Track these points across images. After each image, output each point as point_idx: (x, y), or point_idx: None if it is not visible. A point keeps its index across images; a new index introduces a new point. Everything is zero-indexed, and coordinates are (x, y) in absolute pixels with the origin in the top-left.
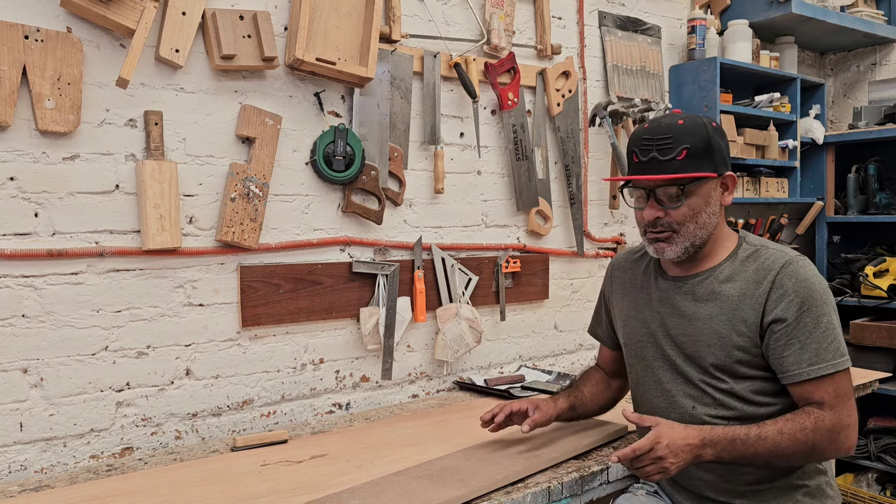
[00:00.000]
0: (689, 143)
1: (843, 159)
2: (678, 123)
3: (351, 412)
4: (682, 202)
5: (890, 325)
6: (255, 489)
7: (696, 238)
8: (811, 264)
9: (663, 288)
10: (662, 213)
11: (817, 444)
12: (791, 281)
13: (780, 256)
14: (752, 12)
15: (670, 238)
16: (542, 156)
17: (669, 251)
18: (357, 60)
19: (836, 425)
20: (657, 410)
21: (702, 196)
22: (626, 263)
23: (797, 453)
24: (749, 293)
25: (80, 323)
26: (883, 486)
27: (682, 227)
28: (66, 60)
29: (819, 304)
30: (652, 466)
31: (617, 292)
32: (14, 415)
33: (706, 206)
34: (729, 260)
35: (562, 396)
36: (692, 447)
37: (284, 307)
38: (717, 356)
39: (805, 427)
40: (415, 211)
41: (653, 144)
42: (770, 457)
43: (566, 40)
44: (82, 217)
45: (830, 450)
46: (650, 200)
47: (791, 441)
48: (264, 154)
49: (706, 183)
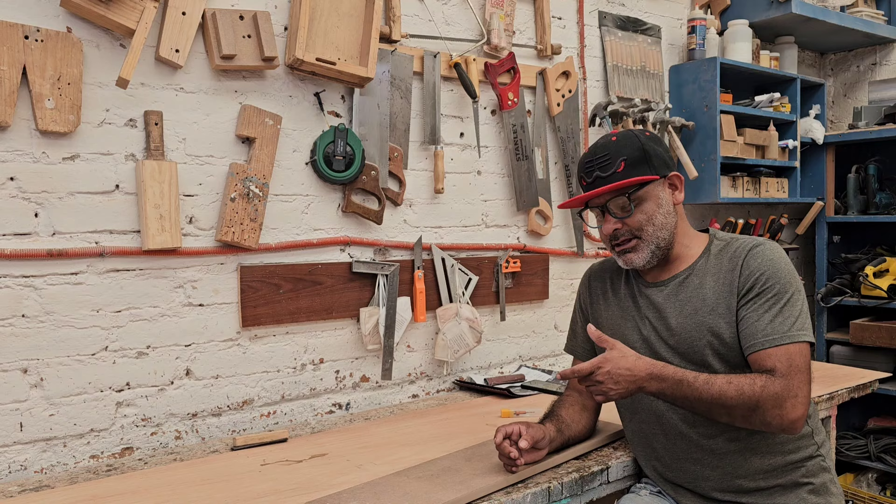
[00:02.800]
0: (625, 154)
1: (843, 159)
2: (612, 140)
3: (351, 412)
4: (632, 209)
5: (890, 325)
6: (254, 489)
7: (659, 240)
8: (779, 248)
9: (646, 294)
10: (620, 224)
11: (761, 403)
12: (757, 261)
13: (748, 242)
14: (752, 12)
15: (636, 245)
16: (542, 156)
17: (637, 258)
18: (357, 60)
19: (784, 391)
20: (657, 414)
21: (651, 199)
22: (604, 273)
23: (740, 407)
24: (725, 280)
25: (80, 323)
26: (883, 486)
27: (643, 232)
28: (66, 60)
29: (782, 282)
30: (593, 387)
31: (598, 303)
32: (14, 415)
33: (658, 209)
34: (703, 257)
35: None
36: (636, 378)
37: (284, 307)
38: (713, 346)
39: (754, 383)
40: (415, 211)
41: (594, 164)
42: (713, 404)
43: (566, 40)
44: (82, 217)
45: (773, 415)
46: (606, 216)
47: (737, 392)
48: (264, 154)
49: (652, 186)
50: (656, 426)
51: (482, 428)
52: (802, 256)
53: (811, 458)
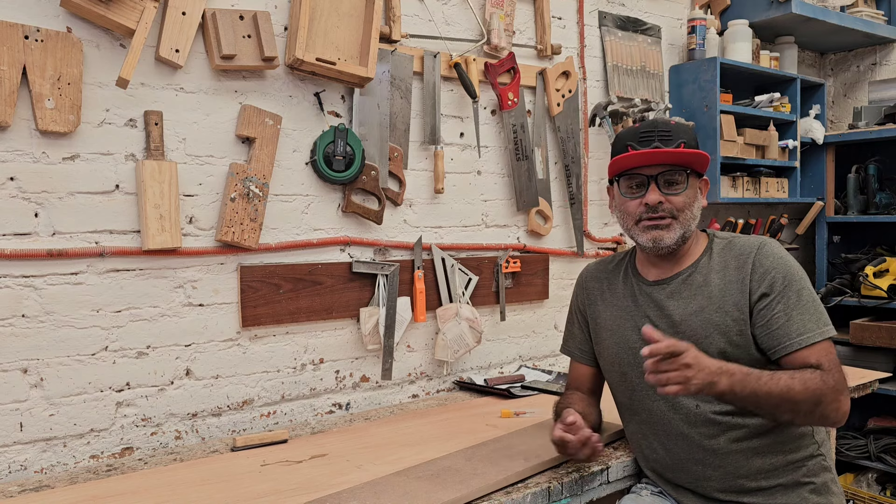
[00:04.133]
0: (685, 139)
1: (843, 159)
2: (672, 122)
3: (351, 412)
4: (684, 187)
5: (890, 325)
6: (254, 489)
7: (688, 229)
8: (781, 245)
9: (647, 293)
10: (664, 198)
11: (823, 397)
12: (769, 259)
13: (753, 241)
14: (752, 12)
15: (670, 225)
16: (542, 156)
17: (667, 237)
18: (357, 60)
19: (838, 384)
20: (659, 414)
21: (694, 189)
22: (601, 274)
23: (806, 401)
24: (733, 278)
25: (80, 323)
26: (883, 486)
27: (682, 214)
28: (66, 60)
29: (798, 279)
30: (676, 373)
31: (595, 303)
32: (14, 415)
33: (695, 201)
34: (706, 255)
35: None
36: (712, 371)
37: (284, 307)
38: (718, 344)
39: (814, 377)
40: (415, 211)
41: (654, 134)
42: (781, 399)
43: (566, 40)
44: (82, 217)
45: (832, 408)
46: (651, 186)
47: (802, 386)
48: (264, 154)
49: (695, 179)
50: (657, 427)
51: (482, 428)
52: (802, 256)
53: (812, 457)
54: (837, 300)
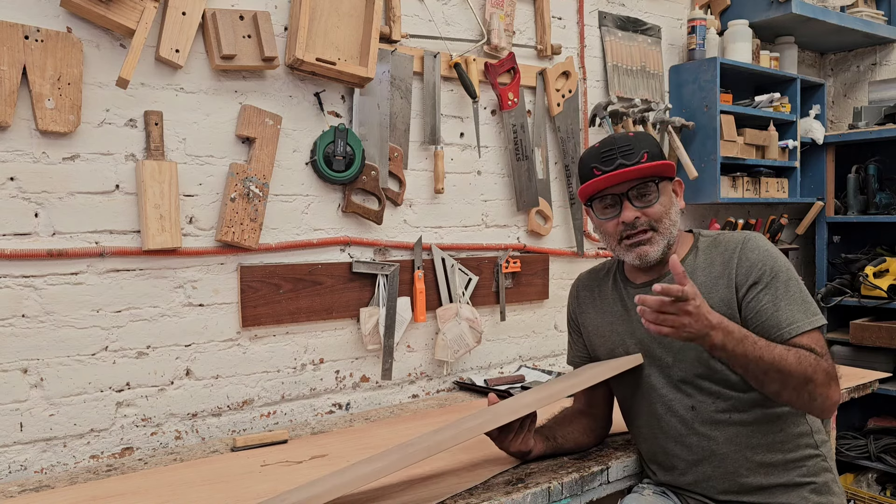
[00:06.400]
0: (647, 148)
1: (843, 159)
2: (630, 135)
3: (351, 412)
4: (657, 196)
5: (890, 325)
6: (255, 489)
7: (670, 236)
8: (766, 238)
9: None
10: (640, 213)
11: (815, 376)
12: (754, 253)
13: (738, 236)
14: (752, 12)
15: (651, 238)
16: (542, 156)
17: (652, 252)
18: (357, 60)
19: (831, 371)
20: (656, 416)
21: (667, 195)
22: (591, 282)
23: (796, 376)
24: (720, 274)
25: (80, 323)
26: (883, 486)
27: (660, 224)
28: (66, 60)
29: (784, 270)
30: (673, 317)
31: (588, 312)
32: (14, 415)
33: (672, 205)
34: (691, 254)
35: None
36: (709, 324)
37: (284, 307)
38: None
39: (810, 356)
40: (415, 211)
41: (615, 152)
42: (771, 367)
43: (566, 40)
44: (82, 217)
45: (821, 392)
46: (624, 203)
47: (796, 359)
48: (264, 154)
49: (666, 184)
50: (657, 428)
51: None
52: (802, 256)
53: (812, 457)
54: (837, 300)
